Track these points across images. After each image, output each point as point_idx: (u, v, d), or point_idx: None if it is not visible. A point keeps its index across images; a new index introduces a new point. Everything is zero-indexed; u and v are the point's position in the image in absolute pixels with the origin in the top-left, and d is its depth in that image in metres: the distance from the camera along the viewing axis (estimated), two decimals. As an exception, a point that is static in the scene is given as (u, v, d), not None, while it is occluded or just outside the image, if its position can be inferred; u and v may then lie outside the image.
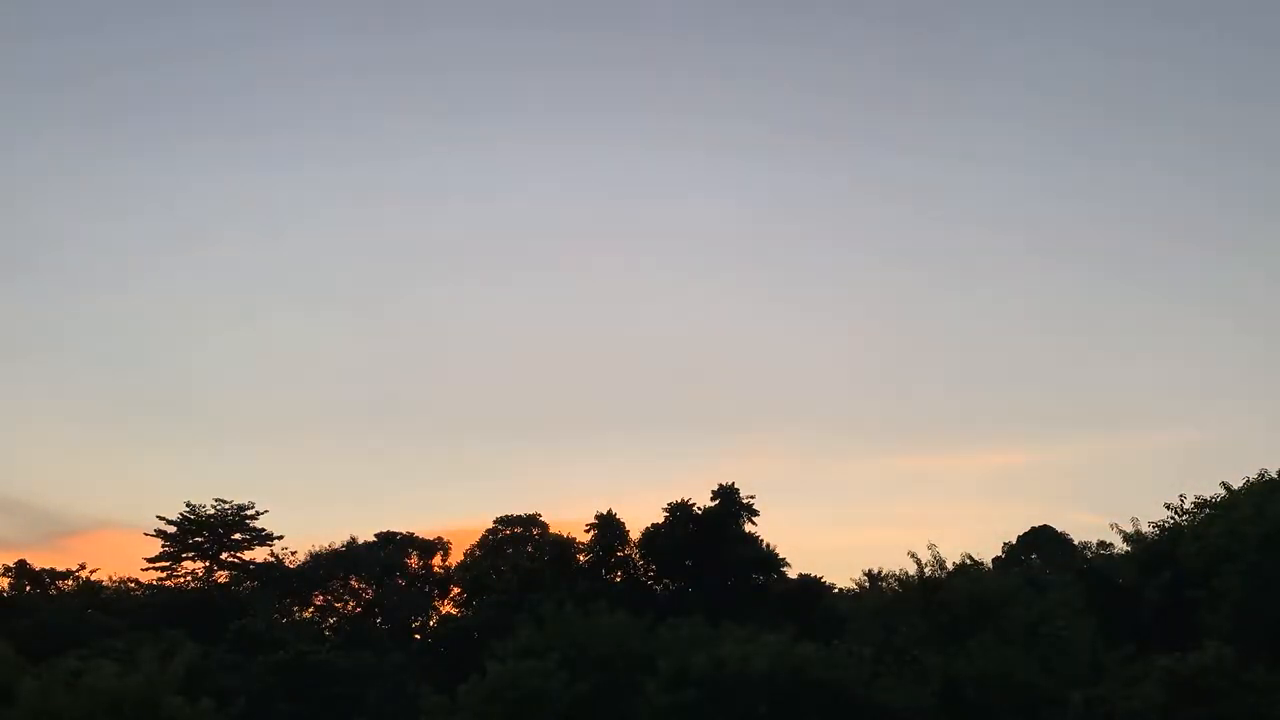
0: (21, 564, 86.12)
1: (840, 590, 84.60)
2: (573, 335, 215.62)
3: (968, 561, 66.22)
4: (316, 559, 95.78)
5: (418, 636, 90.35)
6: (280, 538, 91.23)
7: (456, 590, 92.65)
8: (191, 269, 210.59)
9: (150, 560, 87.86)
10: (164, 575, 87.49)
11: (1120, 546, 70.06)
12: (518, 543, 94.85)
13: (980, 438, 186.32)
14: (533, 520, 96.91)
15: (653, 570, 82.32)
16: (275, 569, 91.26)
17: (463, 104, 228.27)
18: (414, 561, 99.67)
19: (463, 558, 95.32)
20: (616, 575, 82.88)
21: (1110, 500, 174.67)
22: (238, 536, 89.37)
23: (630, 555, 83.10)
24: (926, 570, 62.36)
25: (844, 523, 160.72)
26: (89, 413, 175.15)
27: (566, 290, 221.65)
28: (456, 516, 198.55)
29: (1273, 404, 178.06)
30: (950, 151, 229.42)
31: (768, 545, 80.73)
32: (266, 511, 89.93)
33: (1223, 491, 61.39)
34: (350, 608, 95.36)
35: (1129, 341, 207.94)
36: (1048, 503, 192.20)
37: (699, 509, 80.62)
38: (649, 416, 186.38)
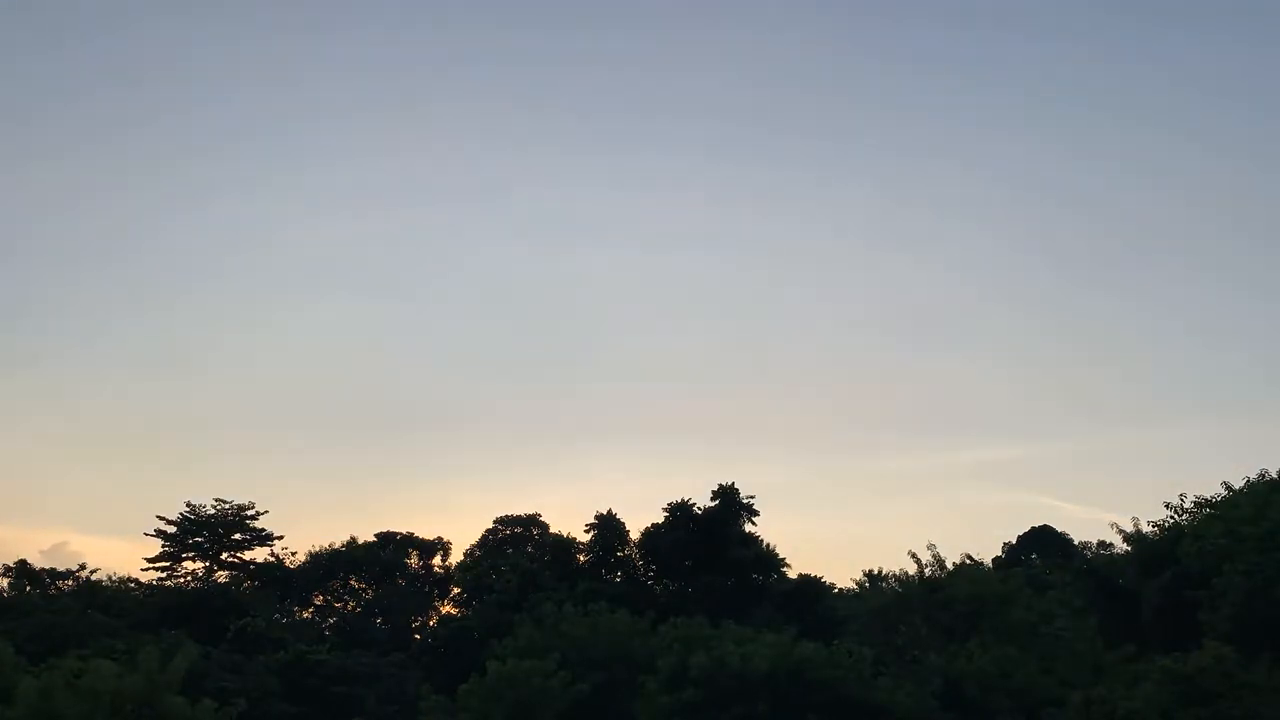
0: (22, 564, 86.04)
1: (840, 590, 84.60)
2: (573, 335, 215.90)
3: (968, 561, 66.31)
4: (316, 559, 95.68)
5: (418, 636, 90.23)
6: (280, 538, 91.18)
7: (456, 590, 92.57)
8: (193, 267, 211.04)
9: (150, 560, 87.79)
10: (164, 575, 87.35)
11: (1120, 546, 70.09)
12: (518, 543, 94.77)
13: (980, 436, 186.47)
14: (533, 520, 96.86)
15: (653, 570, 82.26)
16: (275, 569, 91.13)
17: (468, 105, 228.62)
18: (414, 561, 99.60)
19: (463, 558, 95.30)
20: (616, 575, 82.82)
21: (1110, 499, 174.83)
22: (238, 536, 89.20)
23: (630, 555, 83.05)
24: (926, 570, 62.46)
25: (844, 522, 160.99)
26: (88, 412, 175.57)
27: (566, 288, 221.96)
28: (456, 516, 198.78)
29: (1273, 404, 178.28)
30: (948, 149, 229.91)
31: (768, 545, 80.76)
32: (266, 512, 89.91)
33: (1223, 491, 61.43)
34: (350, 608, 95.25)
35: (1130, 340, 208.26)
36: (1048, 501, 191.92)
37: (699, 509, 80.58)
38: (649, 416, 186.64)
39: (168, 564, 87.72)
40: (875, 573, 72.04)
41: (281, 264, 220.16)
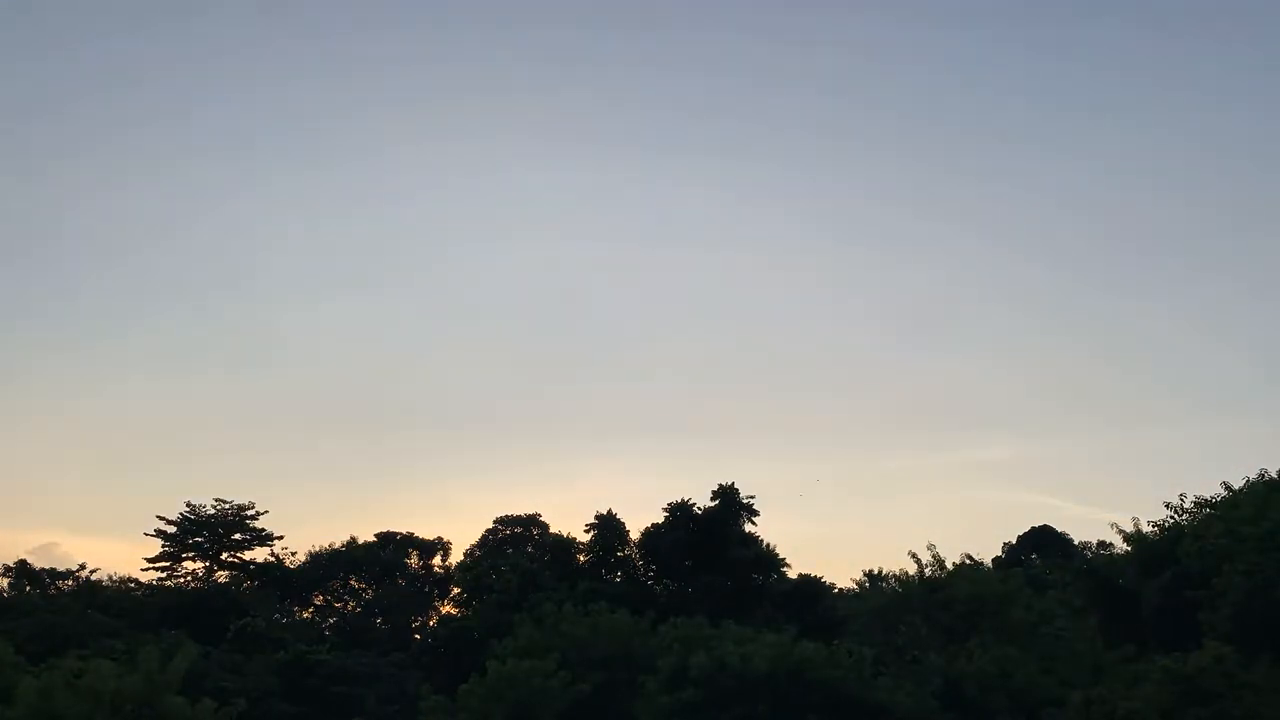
0: (22, 564, 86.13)
1: (840, 590, 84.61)
2: (573, 335, 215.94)
3: (968, 561, 66.29)
4: (316, 559, 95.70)
5: (418, 636, 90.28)
6: (280, 538, 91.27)
7: (456, 590, 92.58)
8: (192, 264, 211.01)
9: (150, 560, 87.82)
10: (164, 575, 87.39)
11: (1120, 546, 70.01)
12: (518, 543, 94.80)
13: (980, 436, 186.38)
14: (533, 520, 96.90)
15: (653, 570, 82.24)
16: (275, 569, 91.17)
17: (467, 99, 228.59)
18: (414, 561, 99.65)
19: (463, 558, 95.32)
20: (616, 575, 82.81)
21: (1110, 499, 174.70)
22: (238, 536, 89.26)
23: (630, 555, 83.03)
24: (926, 570, 62.47)
25: (844, 522, 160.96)
26: (81, 412, 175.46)
27: (566, 289, 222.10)
28: (456, 516, 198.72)
29: (1273, 404, 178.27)
30: (949, 149, 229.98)
31: (767, 545, 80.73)
32: (266, 512, 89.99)
33: (1223, 491, 61.40)
34: (350, 608, 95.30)
35: (1131, 340, 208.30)
36: (1048, 501, 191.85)
37: (699, 509, 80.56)
38: (649, 416, 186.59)
39: (168, 564, 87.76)
40: (875, 573, 72.10)
41: (282, 263, 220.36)
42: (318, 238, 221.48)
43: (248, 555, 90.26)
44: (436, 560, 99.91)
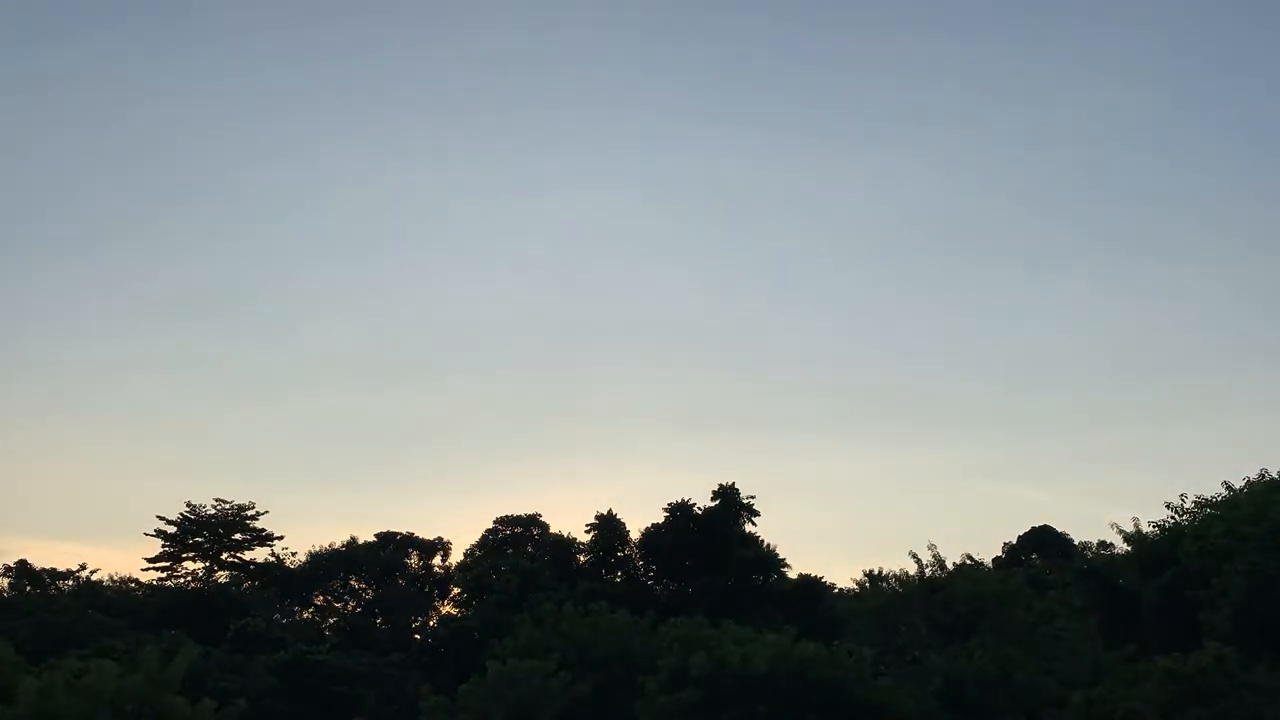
0: (22, 564, 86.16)
1: (840, 590, 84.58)
2: (572, 334, 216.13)
3: (968, 561, 66.34)
4: (316, 559, 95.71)
5: (418, 636, 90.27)
6: (280, 538, 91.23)
7: (456, 590, 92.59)
8: (194, 265, 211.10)
9: (150, 560, 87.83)
10: (164, 575, 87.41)
11: (1120, 546, 70.11)
12: (518, 543, 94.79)
13: (980, 435, 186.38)
14: (533, 520, 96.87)
15: (653, 570, 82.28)
16: (275, 569, 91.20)
17: (469, 105, 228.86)
18: (414, 561, 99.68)
19: (463, 558, 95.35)
20: (616, 575, 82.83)
21: (1110, 499, 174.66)
22: (238, 536, 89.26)
23: (630, 555, 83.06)
24: (927, 570, 62.52)
25: (844, 522, 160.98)
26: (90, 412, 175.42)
27: (566, 289, 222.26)
28: (456, 516, 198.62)
29: (1273, 404, 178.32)
30: (949, 149, 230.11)
31: (768, 545, 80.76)
32: (267, 512, 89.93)
33: (1223, 491, 61.49)
34: (350, 608, 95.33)
35: (1130, 339, 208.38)
36: (1048, 501, 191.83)
37: (699, 509, 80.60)
38: (649, 416, 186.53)
39: (168, 564, 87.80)
40: (875, 573, 72.01)
41: (283, 263, 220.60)
42: (326, 242, 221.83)
43: (248, 555, 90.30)
44: (436, 560, 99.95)
